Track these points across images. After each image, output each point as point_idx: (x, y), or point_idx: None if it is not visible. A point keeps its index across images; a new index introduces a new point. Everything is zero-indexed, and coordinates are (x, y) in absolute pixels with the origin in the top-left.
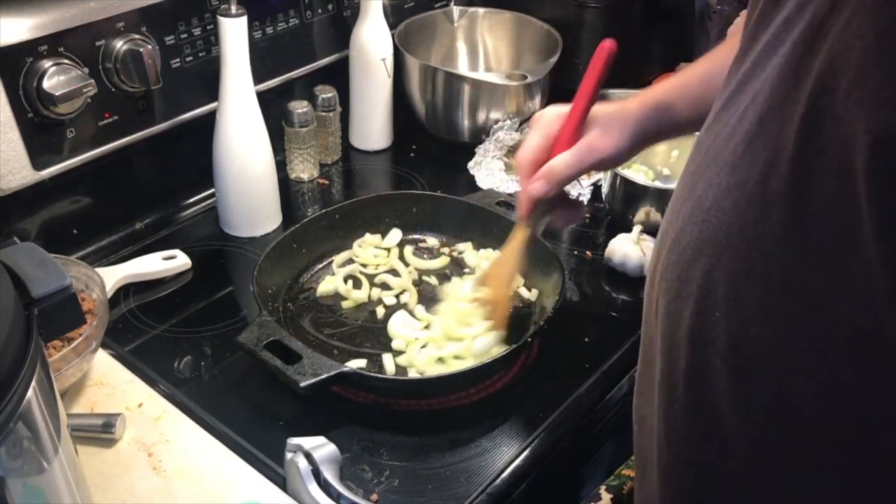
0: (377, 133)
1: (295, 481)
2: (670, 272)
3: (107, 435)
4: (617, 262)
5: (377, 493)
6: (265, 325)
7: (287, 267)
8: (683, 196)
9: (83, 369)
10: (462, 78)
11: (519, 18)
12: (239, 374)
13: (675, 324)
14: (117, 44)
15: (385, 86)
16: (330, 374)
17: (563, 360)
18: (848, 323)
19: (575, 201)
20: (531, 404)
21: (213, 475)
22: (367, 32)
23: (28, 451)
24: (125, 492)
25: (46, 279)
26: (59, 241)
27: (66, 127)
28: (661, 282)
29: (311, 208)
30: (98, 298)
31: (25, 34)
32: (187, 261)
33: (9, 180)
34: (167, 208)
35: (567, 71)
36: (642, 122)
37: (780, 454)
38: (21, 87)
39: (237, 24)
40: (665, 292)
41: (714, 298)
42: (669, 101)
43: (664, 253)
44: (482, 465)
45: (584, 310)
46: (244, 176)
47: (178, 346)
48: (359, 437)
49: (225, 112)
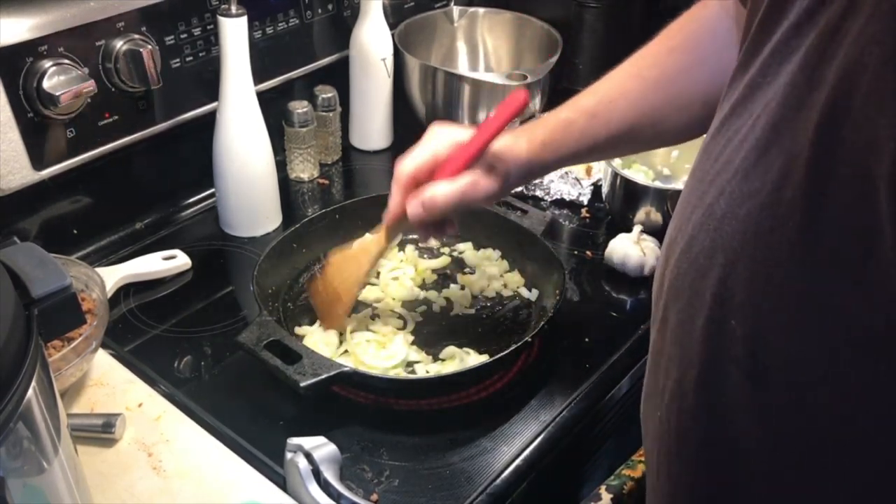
0: (377, 133)
1: (295, 481)
2: (681, 280)
3: (107, 435)
4: (617, 262)
5: (377, 493)
6: (265, 325)
7: (287, 267)
8: (693, 203)
9: (83, 369)
10: (462, 78)
11: (519, 18)
12: (239, 374)
13: (687, 332)
14: (117, 44)
15: (385, 86)
16: (330, 374)
17: (563, 360)
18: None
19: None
20: (531, 404)
21: (213, 475)
22: (367, 32)
23: (28, 451)
24: (125, 492)
25: (46, 279)
26: (59, 241)
27: (66, 127)
28: (671, 290)
29: (311, 208)
30: (98, 298)
31: (25, 34)
32: (187, 261)
33: (9, 180)
34: (167, 208)
35: (567, 71)
36: (531, 161)
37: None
38: (21, 87)
39: (237, 24)
40: (675, 300)
41: (729, 307)
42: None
43: (673, 260)
44: (482, 465)
45: (584, 310)
46: (244, 176)
47: (178, 346)
48: (359, 437)
49: (225, 112)
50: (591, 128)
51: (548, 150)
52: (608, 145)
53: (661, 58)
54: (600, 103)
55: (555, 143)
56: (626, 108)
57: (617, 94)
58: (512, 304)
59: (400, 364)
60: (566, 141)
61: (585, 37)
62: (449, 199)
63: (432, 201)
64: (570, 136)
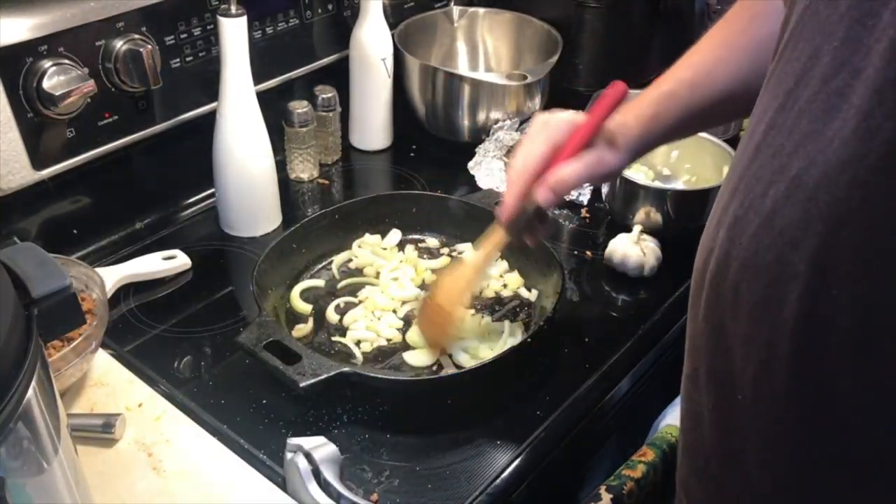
0: (377, 133)
1: (295, 481)
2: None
3: (107, 435)
4: (617, 262)
5: (377, 493)
6: (265, 325)
7: (287, 267)
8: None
9: (83, 369)
10: (462, 78)
11: (519, 18)
12: (239, 374)
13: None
14: (117, 44)
15: (385, 86)
16: (330, 374)
17: (563, 360)
18: None
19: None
20: (531, 404)
21: (213, 475)
22: (367, 32)
23: (28, 451)
24: (125, 492)
25: (46, 279)
26: (59, 241)
27: (66, 127)
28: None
29: (311, 208)
30: (98, 298)
31: (25, 34)
32: (187, 261)
33: (9, 180)
34: (167, 208)
35: (567, 71)
36: (642, 136)
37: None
38: (21, 87)
39: (237, 24)
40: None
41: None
42: (659, 112)
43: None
44: (482, 465)
45: (584, 310)
46: (244, 176)
47: (178, 346)
48: (359, 437)
49: (225, 112)
50: (694, 97)
51: (657, 123)
52: (711, 114)
53: (746, 25)
54: (697, 73)
55: (661, 115)
56: (723, 76)
57: (711, 63)
58: (512, 304)
59: None
60: (672, 112)
61: (585, 37)
62: (578, 178)
63: (561, 181)
64: (675, 107)
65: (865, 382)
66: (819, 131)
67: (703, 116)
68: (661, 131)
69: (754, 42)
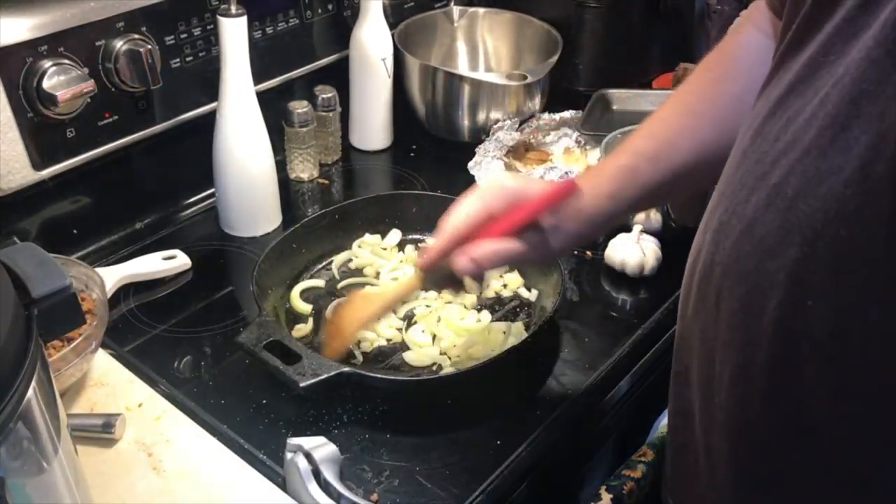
0: (377, 133)
1: (295, 481)
2: (742, 264)
3: (107, 435)
4: (617, 262)
5: (377, 493)
6: (265, 325)
7: (287, 267)
8: (750, 185)
9: (83, 369)
10: (462, 78)
11: (519, 18)
12: (239, 374)
13: (754, 316)
14: (117, 44)
15: (385, 86)
16: (330, 374)
17: (563, 360)
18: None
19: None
20: (531, 404)
21: (213, 475)
22: (367, 32)
23: (28, 451)
24: (125, 492)
25: (46, 279)
26: (59, 241)
27: (66, 127)
28: (728, 275)
29: (311, 208)
30: (98, 298)
31: (25, 34)
32: (187, 261)
33: (9, 180)
34: (167, 208)
35: (567, 71)
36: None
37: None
38: (21, 87)
39: (237, 24)
40: (736, 284)
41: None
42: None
43: (728, 245)
44: (482, 465)
45: (584, 310)
46: (244, 176)
47: (178, 346)
48: (359, 437)
49: (225, 112)
50: (657, 172)
51: (613, 202)
52: (672, 188)
53: (709, 90)
54: (660, 146)
55: (618, 194)
56: (686, 147)
57: (674, 133)
58: (512, 304)
59: None
60: (630, 190)
61: (585, 37)
62: (504, 261)
63: (488, 259)
64: (635, 184)
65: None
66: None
67: (663, 191)
68: (617, 210)
69: (720, 109)
